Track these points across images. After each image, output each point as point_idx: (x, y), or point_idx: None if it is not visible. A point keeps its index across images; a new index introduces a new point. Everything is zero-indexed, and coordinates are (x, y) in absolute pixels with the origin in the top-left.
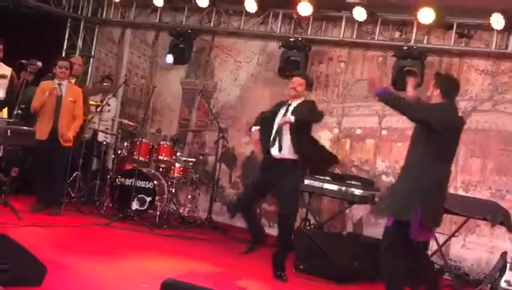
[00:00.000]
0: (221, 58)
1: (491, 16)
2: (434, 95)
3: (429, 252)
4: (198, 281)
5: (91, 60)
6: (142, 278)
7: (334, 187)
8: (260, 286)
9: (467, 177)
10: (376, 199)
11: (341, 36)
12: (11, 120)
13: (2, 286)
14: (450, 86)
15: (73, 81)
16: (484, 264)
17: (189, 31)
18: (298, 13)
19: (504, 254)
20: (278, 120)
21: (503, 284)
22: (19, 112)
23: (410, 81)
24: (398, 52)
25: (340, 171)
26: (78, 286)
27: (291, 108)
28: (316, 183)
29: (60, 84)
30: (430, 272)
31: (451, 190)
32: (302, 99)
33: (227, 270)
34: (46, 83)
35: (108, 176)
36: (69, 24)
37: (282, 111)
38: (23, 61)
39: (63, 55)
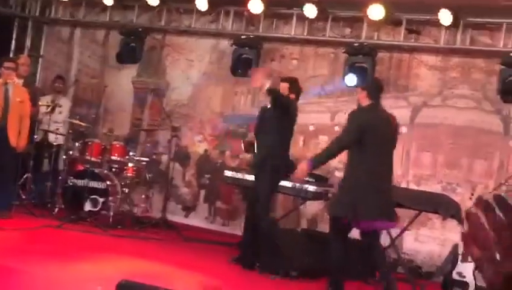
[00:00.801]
0: (173, 56)
1: (439, 11)
2: (361, 97)
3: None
4: (153, 281)
5: (40, 60)
6: (97, 280)
7: (288, 184)
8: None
9: (418, 171)
10: (329, 195)
11: (292, 33)
12: None
13: None
14: (374, 87)
15: (20, 82)
16: (436, 257)
17: (140, 29)
18: (249, 11)
19: (455, 246)
20: None
21: (455, 275)
22: None
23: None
24: (349, 48)
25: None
26: (31, 289)
27: None
28: None
29: (6, 84)
30: (383, 262)
31: (403, 184)
32: None
33: (182, 269)
34: None
35: (60, 177)
36: (16, 24)
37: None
38: None
39: (11, 55)
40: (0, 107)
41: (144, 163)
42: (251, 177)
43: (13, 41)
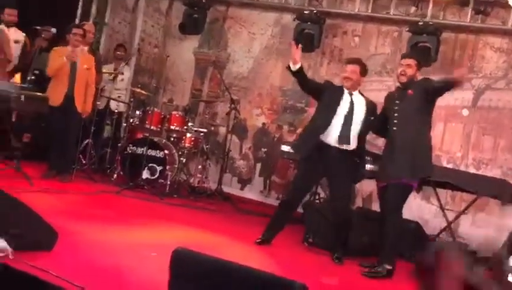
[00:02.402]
0: (235, 29)
1: None
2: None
3: (435, 229)
4: (208, 250)
5: (104, 27)
6: (152, 246)
7: None
8: (267, 255)
9: (478, 154)
10: None
11: (356, 10)
12: (24, 85)
13: (14, 250)
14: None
15: (85, 48)
16: (492, 242)
17: (204, 0)
18: None
19: None
20: (341, 108)
21: (510, 262)
22: (32, 77)
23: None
24: (414, 27)
25: None
26: (88, 252)
27: (356, 99)
28: None
29: (73, 52)
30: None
31: (462, 167)
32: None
33: (236, 240)
34: (59, 49)
35: (120, 145)
36: None
37: (347, 100)
38: (38, 27)
39: (76, 22)
40: (67, 74)
41: (202, 134)
42: None
43: (79, 9)
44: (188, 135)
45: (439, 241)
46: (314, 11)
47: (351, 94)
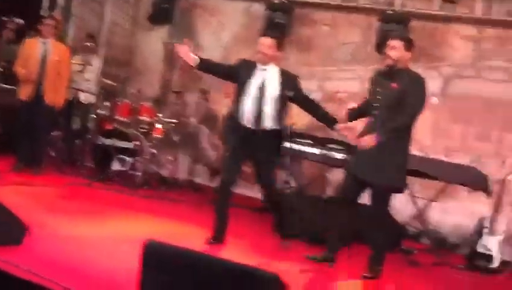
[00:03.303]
0: (205, 18)
1: None
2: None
3: (405, 217)
4: (179, 241)
5: (72, 18)
6: (123, 238)
7: (316, 151)
8: (242, 246)
9: (447, 142)
10: None
11: None
12: None
13: None
14: None
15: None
16: (462, 229)
17: None
18: None
19: (482, 219)
20: (252, 85)
21: (480, 248)
22: (0, 69)
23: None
24: (383, 16)
25: (321, 134)
26: (58, 245)
27: (268, 74)
28: (297, 147)
29: (44, 43)
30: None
31: (432, 155)
32: (275, 65)
33: (207, 230)
34: (30, 41)
35: (89, 136)
36: None
37: (259, 75)
38: (4, 18)
39: (42, 13)
40: (36, 66)
41: (172, 124)
42: None
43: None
44: (158, 125)
45: None
46: (284, 1)
47: (263, 70)
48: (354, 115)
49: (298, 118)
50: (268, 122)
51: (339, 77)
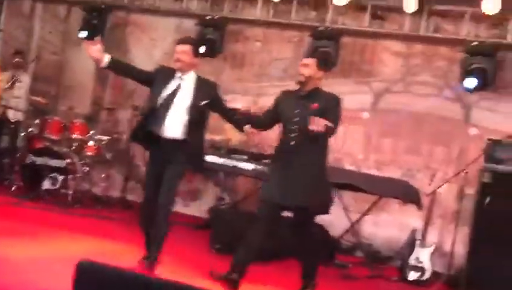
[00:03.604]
0: (136, 35)
1: None
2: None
3: (338, 231)
4: (112, 260)
5: None
6: (55, 258)
7: (250, 166)
8: (173, 263)
9: (379, 156)
10: None
11: (257, 15)
12: None
13: None
14: None
15: None
16: (395, 241)
17: (103, 6)
18: None
19: (414, 232)
20: (165, 92)
21: (412, 260)
22: None
23: None
24: (314, 32)
25: (256, 150)
26: None
27: (183, 83)
28: (231, 162)
29: None
30: None
31: (363, 169)
32: (194, 73)
33: (141, 249)
34: None
35: (19, 154)
36: None
37: (174, 83)
38: None
39: None
40: None
41: (105, 142)
42: (214, 159)
43: None
44: (90, 143)
45: None
46: (216, 17)
47: (180, 78)
48: (256, 122)
49: (233, 133)
50: (176, 132)
51: (272, 92)
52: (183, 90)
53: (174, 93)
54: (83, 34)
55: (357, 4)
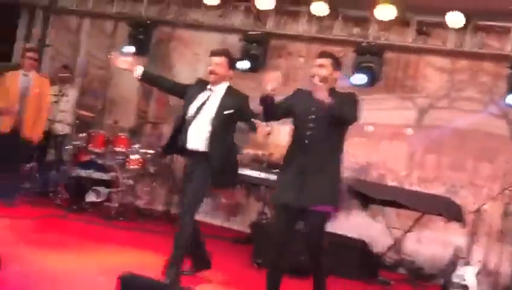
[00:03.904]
0: (180, 50)
1: (448, 14)
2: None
3: (381, 247)
4: (155, 274)
5: (46, 49)
6: (99, 271)
7: None
8: (216, 277)
9: (422, 173)
10: None
11: (300, 31)
12: None
13: None
14: None
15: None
16: (438, 259)
17: (148, 22)
18: (256, 7)
19: (457, 249)
20: (193, 106)
21: (455, 278)
22: None
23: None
24: (357, 48)
25: None
26: (33, 278)
27: (212, 94)
28: (273, 177)
29: (26, 76)
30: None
31: (407, 186)
32: (226, 84)
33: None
34: (11, 74)
35: (64, 168)
36: (24, 12)
37: (204, 95)
38: None
39: (18, 44)
40: (16, 97)
41: (148, 155)
42: (255, 174)
43: (21, 30)
44: (134, 156)
45: None
46: (259, 32)
47: (210, 90)
48: (273, 112)
49: (276, 148)
50: (198, 144)
51: None
52: (210, 102)
53: (202, 105)
54: (128, 49)
55: (401, 19)
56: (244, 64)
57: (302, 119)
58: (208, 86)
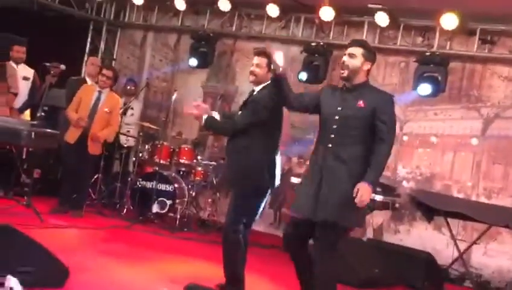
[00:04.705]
0: (243, 62)
1: None
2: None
3: (446, 260)
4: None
5: (113, 62)
6: (163, 281)
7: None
8: (269, 287)
9: (489, 184)
10: (396, 205)
11: None
12: (34, 122)
13: (24, 287)
14: None
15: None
16: (506, 272)
17: (211, 34)
18: (320, 18)
19: None
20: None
21: None
22: (42, 114)
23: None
24: (420, 58)
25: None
26: (100, 288)
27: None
28: None
29: (100, 92)
30: None
31: (473, 197)
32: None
33: (247, 274)
34: (87, 87)
35: (129, 179)
36: (91, 27)
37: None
38: (47, 64)
39: (85, 57)
40: (86, 111)
41: (212, 167)
42: None
43: (88, 44)
44: (198, 168)
45: None
46: (321, 43)
47: (253, 91)
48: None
49: None
50: (227, 149)
51: None
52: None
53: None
54: (193, 61)
55: (465, 28)
56: (303, 76)
57: (326, 120)
58: (253, 88)
